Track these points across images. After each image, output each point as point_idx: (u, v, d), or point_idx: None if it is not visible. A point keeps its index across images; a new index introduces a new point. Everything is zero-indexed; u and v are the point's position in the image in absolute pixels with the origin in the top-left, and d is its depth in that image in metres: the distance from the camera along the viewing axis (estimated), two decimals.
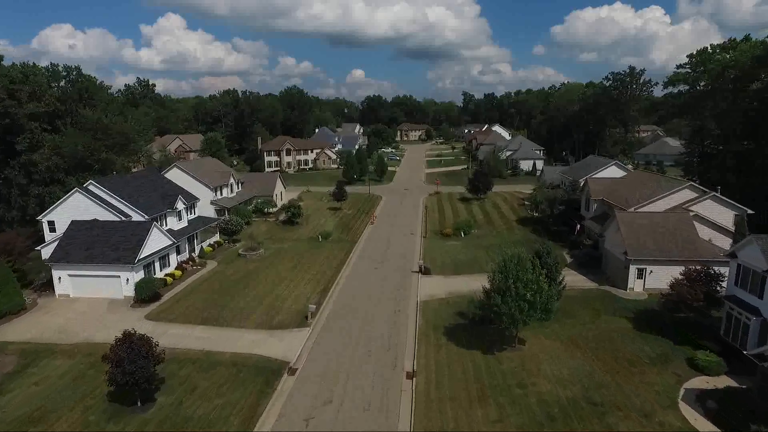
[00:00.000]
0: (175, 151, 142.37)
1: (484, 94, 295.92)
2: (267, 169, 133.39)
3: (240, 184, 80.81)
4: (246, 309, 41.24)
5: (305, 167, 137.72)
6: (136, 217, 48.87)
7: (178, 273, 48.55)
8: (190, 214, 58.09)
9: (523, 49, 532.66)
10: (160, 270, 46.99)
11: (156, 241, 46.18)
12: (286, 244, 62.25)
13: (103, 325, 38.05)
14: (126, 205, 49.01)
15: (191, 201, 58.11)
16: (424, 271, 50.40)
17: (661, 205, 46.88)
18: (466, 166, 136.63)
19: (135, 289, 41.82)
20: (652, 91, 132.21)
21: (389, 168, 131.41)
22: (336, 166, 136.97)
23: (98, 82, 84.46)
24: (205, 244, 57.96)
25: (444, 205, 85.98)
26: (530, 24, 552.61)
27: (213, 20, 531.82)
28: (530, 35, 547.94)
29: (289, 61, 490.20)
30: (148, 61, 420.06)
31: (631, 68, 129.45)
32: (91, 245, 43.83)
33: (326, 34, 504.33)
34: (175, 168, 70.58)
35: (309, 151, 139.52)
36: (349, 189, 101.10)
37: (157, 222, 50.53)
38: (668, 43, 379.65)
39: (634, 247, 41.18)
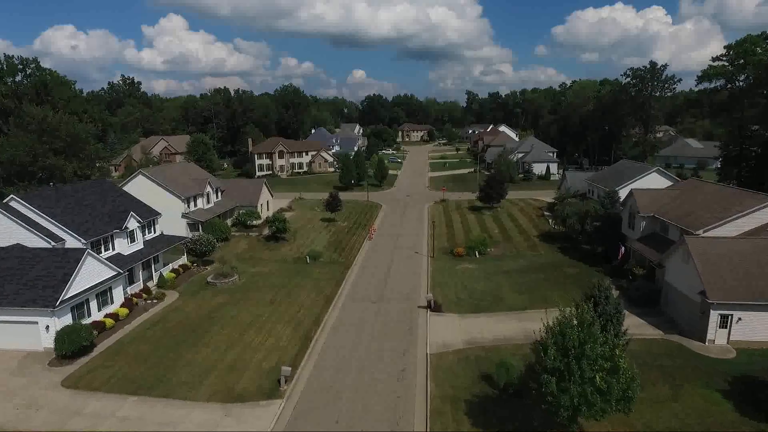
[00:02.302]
0: (160, 154, 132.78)
1: (489, 93, 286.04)
2: (258, 173, 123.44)
3: (219, 193, 70.67)
4: (201, 368, 31.08)
5: (299, 171, 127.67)
6: (72, 241, 38.76)
7: (124, 312, 38.38)
8: (149, 232, 47.95)
9: (525, 49, 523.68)
10: (99, 309, 36.84)
11: (92, 273, 36.04)
12: (267, 267, 52.06)
13: None
14: (58, 227, 38.87)
15: (149, 217, 47.94)
16: (434, 307, 40.22)
17: (737, 227, 36.69)
18: (473, 170, 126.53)
19: (55, 342, 31.67)
20: (675, 88, 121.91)
21: (390, 171, 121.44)
22: (333, 169, 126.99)
23: (62, 76, 74.70)
24: (166, 270, 47.82)
25: (452, 215, 75.79)
26: (532, 24, 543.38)
27: (215, 20, 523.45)
28: (532, 36, 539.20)
29: (291, 62, 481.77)
30: (150, 61, 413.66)
31: (652, 63, 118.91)
32: (2, 281, 33.68)
33: (328, 34, 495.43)
34: (139, 175, 60.48)
35: (303, 154, 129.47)
36: (346, 196, 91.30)
37: (100, 246, 40.57)
38: (670, 43, 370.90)
39: (715, 286, 30.97)
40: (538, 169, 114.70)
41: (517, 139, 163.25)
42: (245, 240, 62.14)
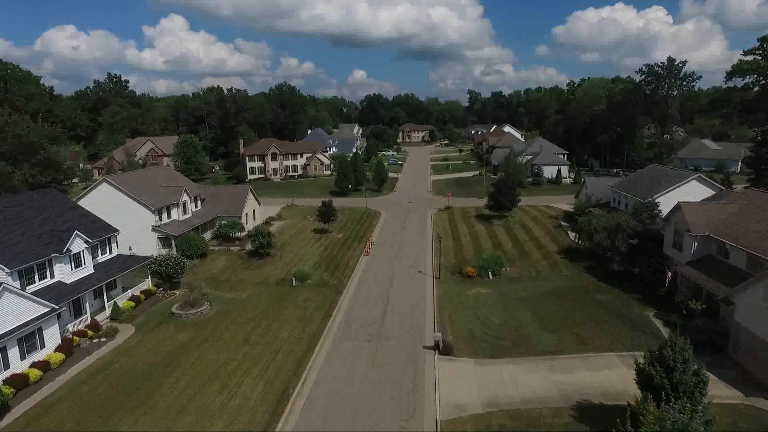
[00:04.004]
0: (146, 156, 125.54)
1: (492, 93, 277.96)
2: (249, 177, 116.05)
3: (199, 202, 63.22)
4: None
5: (294, 174, 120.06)
6: None
7: (58, 358, 30.90)
8: (103, 253, 40.47)
9: (526, 49, 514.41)
10: (22, 358, 29.39)
11: (11, 313, 28.61)
12: (246, 292, 44.53)
13: None
14: None
15: (104, 235, 40.43)
16: (443, 348, 32.74)
17: None
18: (478, 173, 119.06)
19: None
20: (694, 85, 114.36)
21: (390, 174, 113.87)
22: (329, 172, 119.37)
23: (25, 70, 67.25)
24: (124, 297, 40.30)
25: (459, 225, 68.22)
26: (532, 24, 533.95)
27: (215, 21, 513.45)
28: (532, 36, 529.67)
29: (292, 62, 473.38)
30: (151, 62, 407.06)
31: (670, 60, 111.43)
32: None
33: (329, 34, 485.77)
34: (104, 183, 53.04)
35: (298, 156, 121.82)
36: (342, 202, 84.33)
37: (34, 274, 33.07)
38: (671, 43, 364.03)
39: None
40: (548, 172, 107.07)
41: (522, 139, 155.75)
42: (225, 256, 54.59)
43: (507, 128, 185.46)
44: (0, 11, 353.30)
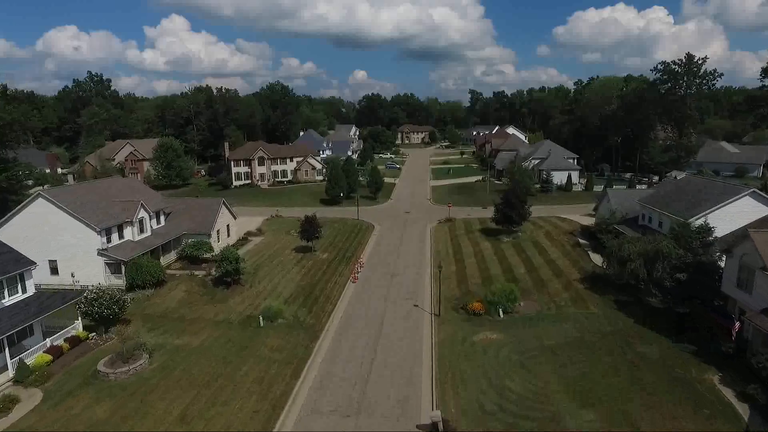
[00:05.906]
0: (125, 160, 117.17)
1: (494, 93, 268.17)
2: (235, 183, 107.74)
3: (162, 217, 54.76)
4: None
5: (283, 180, 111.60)
6: None
7: None
8: (12, 293, 32.01)
9: (527, 49, 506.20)
10: None
11: None
12: (200, 336, 35.98)
13: None
14: None
15: (11, 271, 31.91)
16: None
17: None
18: (481, 178, 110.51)
19: None
20: (715, 84, 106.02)
21: (387, 179, 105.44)
22: (321, 178, 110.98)
23: None
24: (38, 351, 31.77)
25: (462, 244, 59.64)
26: (533, 25, 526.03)
27: (217, 21, 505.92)
28: (533, 36, 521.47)
29: (293, 62, 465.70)
30: (152, 62, 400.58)
31: (689, 56, 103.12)
32: None
33: (330, 35, 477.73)
34: (39, 199, 44.57)
35: (288, 160, 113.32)
36: (332, 212, 76.55)
37: None
38: (672, 44, 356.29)
39: None
40: (558, 178, 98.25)
41: (526, 141, 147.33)
42: (186, 284, 46.07)
43: (510, 129, 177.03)
44: (1, 12, 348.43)
